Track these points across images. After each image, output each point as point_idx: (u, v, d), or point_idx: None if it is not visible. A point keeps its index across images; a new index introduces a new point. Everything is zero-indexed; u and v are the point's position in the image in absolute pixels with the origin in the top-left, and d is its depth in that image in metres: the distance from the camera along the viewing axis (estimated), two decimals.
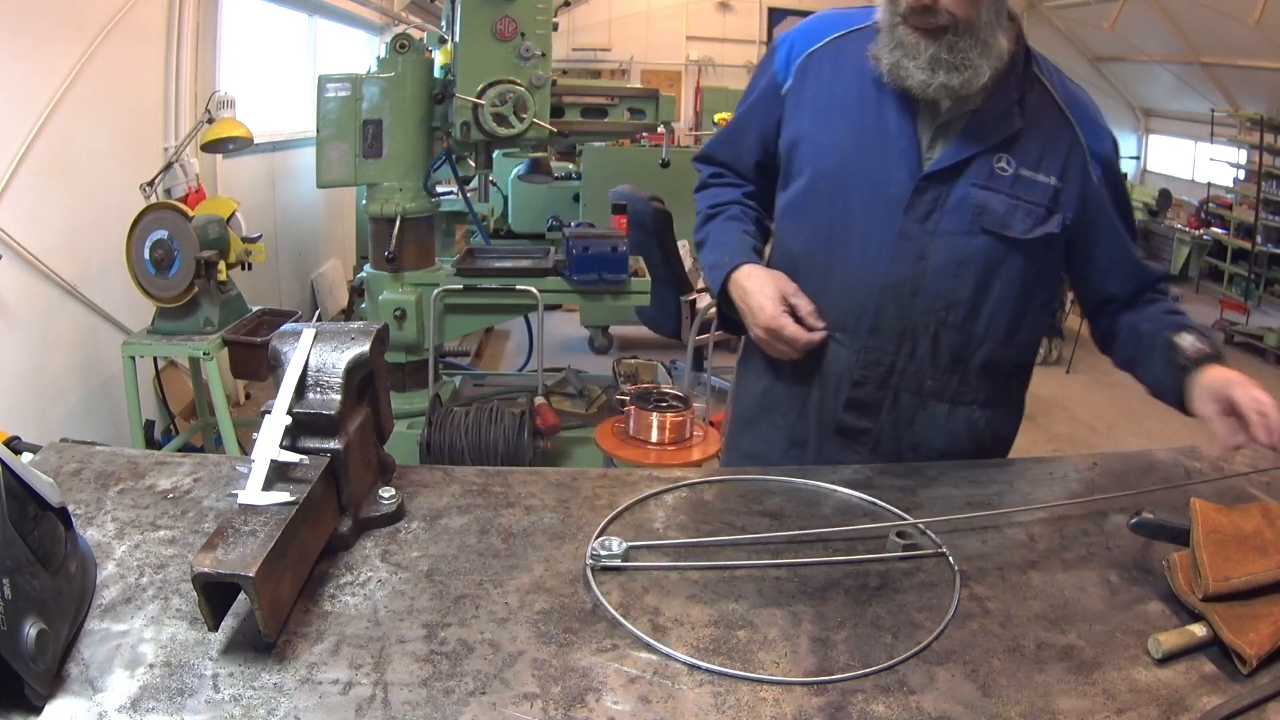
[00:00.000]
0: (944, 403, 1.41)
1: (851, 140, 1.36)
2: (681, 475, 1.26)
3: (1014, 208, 1.33)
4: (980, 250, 1.33)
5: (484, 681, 0.83)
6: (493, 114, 3.16)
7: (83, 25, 3.41)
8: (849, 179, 1.36)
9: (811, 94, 1.41)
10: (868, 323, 1.37)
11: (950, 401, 1.41)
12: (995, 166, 1.32)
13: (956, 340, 1.37)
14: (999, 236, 1.33)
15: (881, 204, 1.34)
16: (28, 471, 0.85)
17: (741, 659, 0.88)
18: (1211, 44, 8.59)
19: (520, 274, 3.58)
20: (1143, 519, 1.05)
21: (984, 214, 1.32)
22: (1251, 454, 1.40)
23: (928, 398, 1.40)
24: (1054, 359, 6.50)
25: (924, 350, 1.37)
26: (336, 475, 1.03)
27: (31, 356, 3.23)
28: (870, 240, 1.35)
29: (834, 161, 1.38)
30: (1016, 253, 1.34)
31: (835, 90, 1.39)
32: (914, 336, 1.37)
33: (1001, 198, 1.33)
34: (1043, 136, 1.34)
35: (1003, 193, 1.33)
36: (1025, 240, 1.33)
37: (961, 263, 1.34)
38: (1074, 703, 0.83)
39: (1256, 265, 8.28)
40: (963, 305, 1.36)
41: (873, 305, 1.36)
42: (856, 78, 1.37)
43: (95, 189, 3.52)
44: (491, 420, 3.19)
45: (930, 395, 1.40)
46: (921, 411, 1.41)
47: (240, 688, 0.81)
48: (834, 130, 1.38)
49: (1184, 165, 10.38)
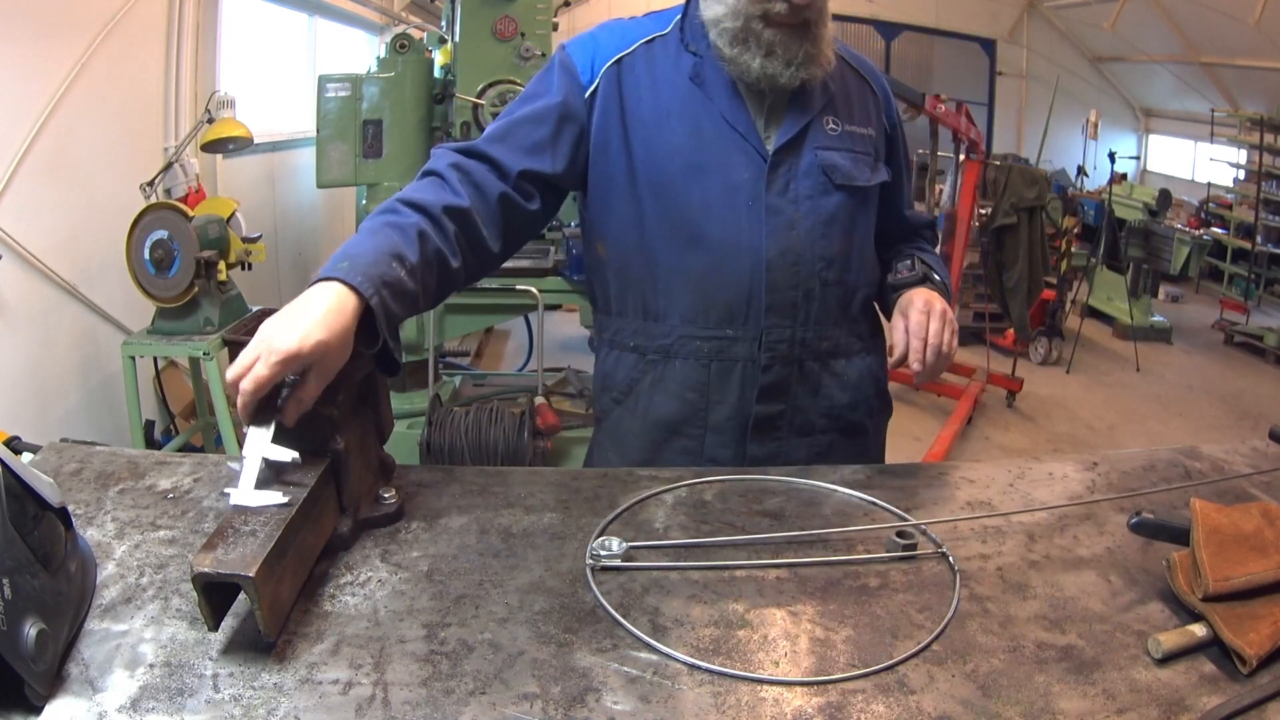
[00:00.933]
0: (841, 358, 1.47)
1: (690, 140, 1.38)
2: (681, 475, 1.26)
3: (854, 160, 1.44)
4: (839, 205, 1.42)
5: (484, 681, 0.83)
6: (492, 114, 3.16)
7: (83, 25, 3.41)
8: (702, 175, 1.37)
9: (632, 100, 1.39)
10: (761, 303, 1.39)
11: (845, 355, 1.48)
12: (827, 128, 1.42)
13: (838, 294, 1.44)
14: (850, 189, 1.43)
15: (740, 189, 1.38)
16: (28, 471, 0.85)
17: (741, 659, 0.88)
18: (1211, 44, 8.59)
19: (520, 274, 3.58)
20: (1143, 519, 1.05)
21: (835, 171, 1.41)
22: (1251, 453, 1.40)
23: (827, 358, 1.46)
24: (1054, 359, 6.51)
25: (815, 312, 1.43)
26: (336, 475, 1.03)
27: (31, 356, 3.23)
28: (740, 225, 1.38)
29: (678, 163, 1.38)
30: (865, 201, 1.46)
31: (659, 95, 1.39)
32: (806, 303, 1.41)
33: (841, 154, 1.43)
34: (851, 95, 1.47)
35: (840, 149, 1.43)
36: (869, 187, 1.45)
37: (827, 221, 1.41)
38: (1074, 703, 0.83)
39: (1256, 265, 8.27)
40: (837, 260, 1.43)
41: (763, 285, 1.39)
42: (675, 80, 1.40)
43: (95, 189, 3.52)
44: (491, 420, 3.19)
45: (828, 355, 1.46)
46: (825, 373, 1.46)
47: (240, 688, 0.81)
48: (671, 134, 1.38)
49: (1184, 165, 10.38)
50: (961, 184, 5.29)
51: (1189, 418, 5.55)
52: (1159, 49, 9.51)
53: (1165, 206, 7.30)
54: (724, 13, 1.34)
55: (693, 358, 1.42)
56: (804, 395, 1.45)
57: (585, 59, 1.41)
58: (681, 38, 1.43)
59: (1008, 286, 5.63)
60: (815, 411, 1.46)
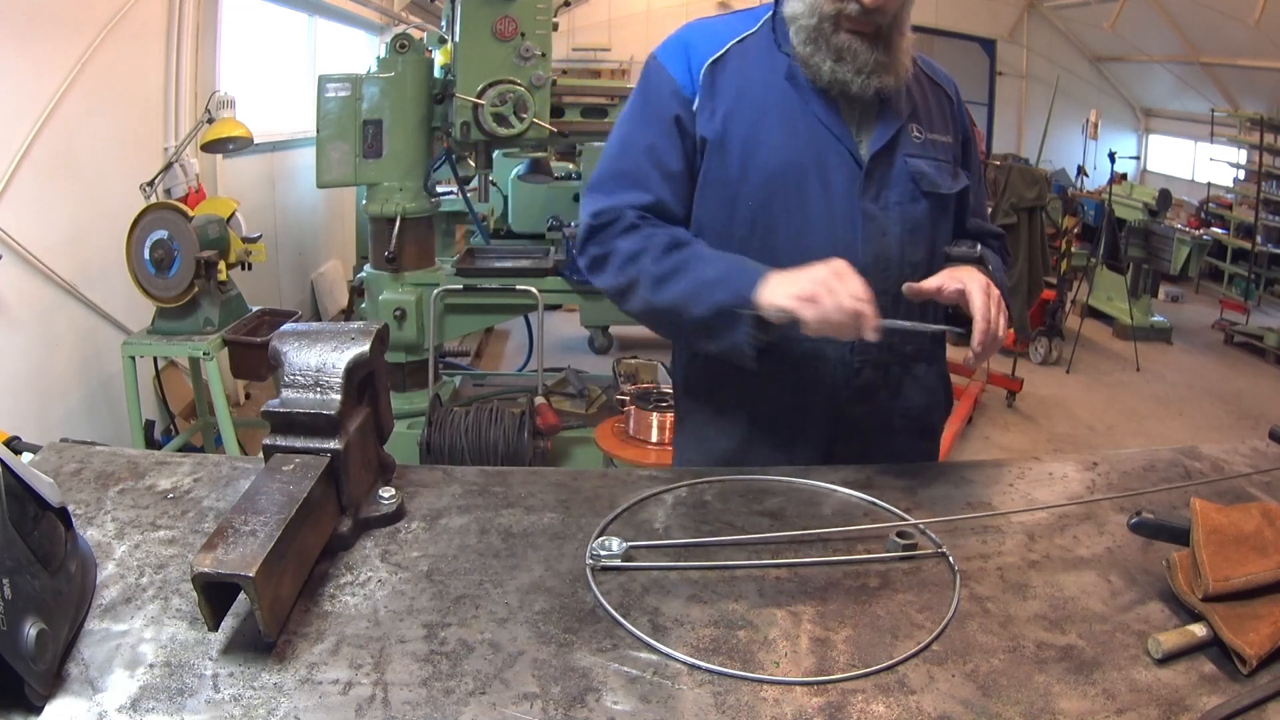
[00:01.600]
0: (922, 362, 1.49)
1: (789, 139, 1.37)
2: (681, 475, 1.26)
3: (938, 168, 1.43)
4: (925, 213, 1.42)
5: (484, 681, 0.83)
6: (493, 114, 3.16)
7: (83, 25, 3.41)
8: (800, 176, 1.36)
9: (730, 100, 1.38)
10: None
11: (926, 360, 1.49)
12: (912, 136, 1.42)
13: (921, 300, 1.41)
14: (935, 196, 1.43)
15: (835, 193, 1.37)
16: (28, 471, 0.85)
17: (741, 659, 0.88)
18: (1211, 44, 8.59)
19: (520, 274, 3.58)
20: (1143, 519, 1.05)
21: (922, 179, 1.41)
22: (1251, 453, 1.40)
23: (910, 362, 1.47)
24: (1054, 359, 6.51)
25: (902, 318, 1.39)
26: (336, 475, 1.03)
27: (31, 356, 3.23)
28: (837, 229, 1.37)
29: (777, 162, 1.36)
30: (946, 208, 1.47)
31: (753, 94, 1.38)
32: (894, 308, 1.39)
33: (927, 161, 1.42)
34: (929, 101, 1.47)
35: (926, 157, 1.42)
36: (951, 195, 1.45)
37: (914, 229, 1.41)
38: (1074, 703, 0.83)
39: (1256, 265, 8.28)
40: (921, 266, 1.42)
41: None
42: (769, 80, 1.38)
43: (95, 189, 3.52)
44: (491, 420, 3.19)
45: (911, 359, 1.47)
46: (907, 377, 1.47)
47: (240, 688, 0.81)
48: (770, 133, 1.37)
49: (1184, 165, 10.38)
50: None
51: (1189, 418, 5.55)
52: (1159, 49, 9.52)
53: (1165, 206, 7.30)
54: (802, 9, 1.34)
55: (785, 360, 1.40)
56: (887, 398, 1.46)
57: (681, 66, 1.39)
58: (774, 37, 1.41)
59: (1007, 286, 5.63)
60: (896, 413, 1.48)
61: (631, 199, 1.37)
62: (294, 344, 1.07)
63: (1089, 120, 7.93)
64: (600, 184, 1.41)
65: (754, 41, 1.42)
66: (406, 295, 3.46)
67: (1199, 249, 6.91)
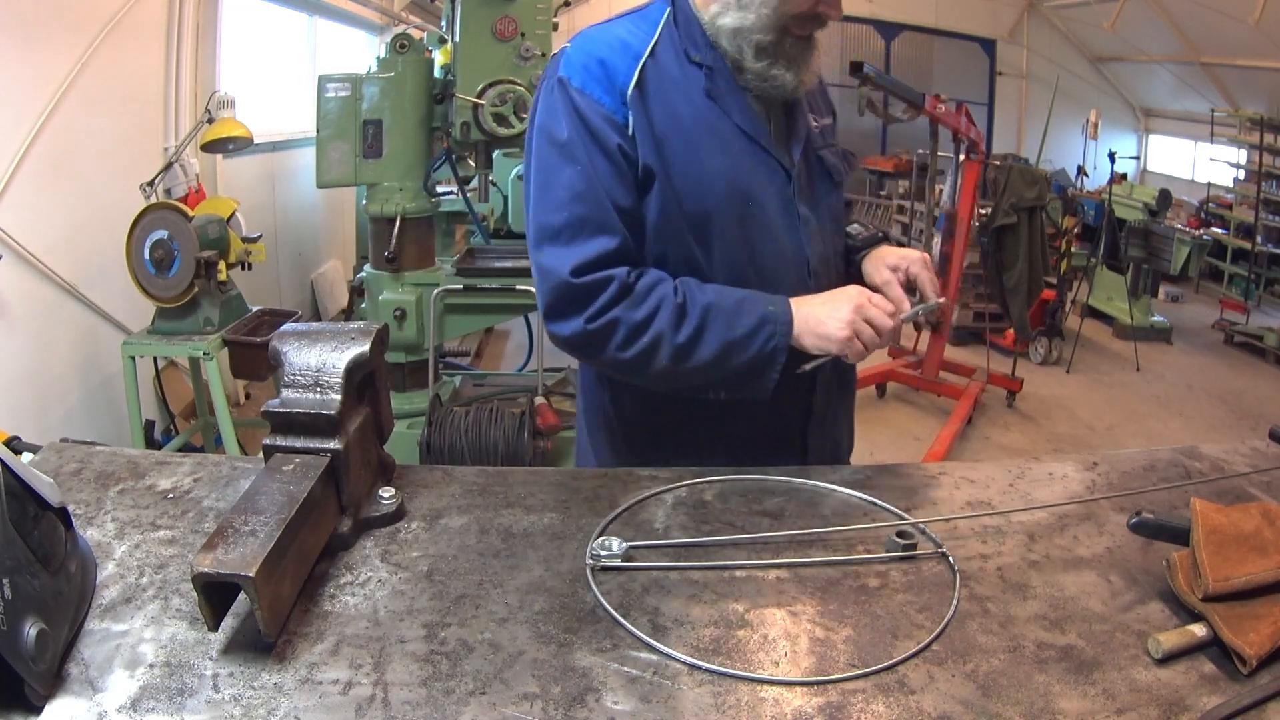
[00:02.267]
0: None
1: (726, 162, 1.30)
2: (681, 475, 1.26)
3: (835, 155, 1.45)
4: (838, 200, 1.45)
5: (484, 681, 0.83)
6: (493, 114, 3.16)
7: (83, 25, 3.41)
8: (743, 196, 1.31)
9: (661, 126, 1.27)
10: None
11: None
12: (814, 128, 1.42)
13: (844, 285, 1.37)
14: (840, 184, 1.45)
15: (774, 204, 1.34)
16: (28, 471, 0.85)
17: (741, 659, 0.88)
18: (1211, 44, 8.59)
19: (520, 274, 3.57)
20: (1143, 519, 1.05)
21: (834, 170, 1.43)
22: (1251, 453, 1.40)
23: None
24: (1054, 359, 6.50)
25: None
26: (336, 475, 1.03)
27: (31, 356, 3.23)
28: (784, 237, 1.35)
29: (721, 188, 1.29)
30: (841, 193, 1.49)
31: (681, 117, 1.29)
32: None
33: (828, 151, 1.44)
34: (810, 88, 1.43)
35: (827, 146, 1.44)
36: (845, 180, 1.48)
37: (835, 218, 1.44)
38: (1074, 703, 0.83)
39: (1256, 265, 8.27)
40: (841, 254, 1.47)
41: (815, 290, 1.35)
42: (689, 97, 1.30)
43: (95, 189, 3.52)
44: (491, 420, 3.19)
45: None
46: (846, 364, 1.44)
47: (240, 688, 0.81)
48: (709, 158, 1.28)
49: (1184, 165, 10.38)
50: (961, 184, 5.29)
51: (1189, 418, 5.55)
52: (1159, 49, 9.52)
53: (1165, 206, 7.30)
54: (753, 23, 1.26)
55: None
56: (836, 388, 1.48)
57: (604, 90, 1.27)
58: (678, 44, 1.32)
59: (1008, 286, 5.63)
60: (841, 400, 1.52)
61: (601, 247, 1.24)
62: (294, 344, 1.07)
63: (1089, 120, 7.94)
64: (560, 234, 1.25)
65: (662, 53, 1.31)
66: (406, 295, 3.46)
67: (1199, 249, 6.91)
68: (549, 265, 1.26)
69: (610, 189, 1.26)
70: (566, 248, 1.24)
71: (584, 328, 1.25)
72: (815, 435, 1.46)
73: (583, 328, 1.25)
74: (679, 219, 1.30)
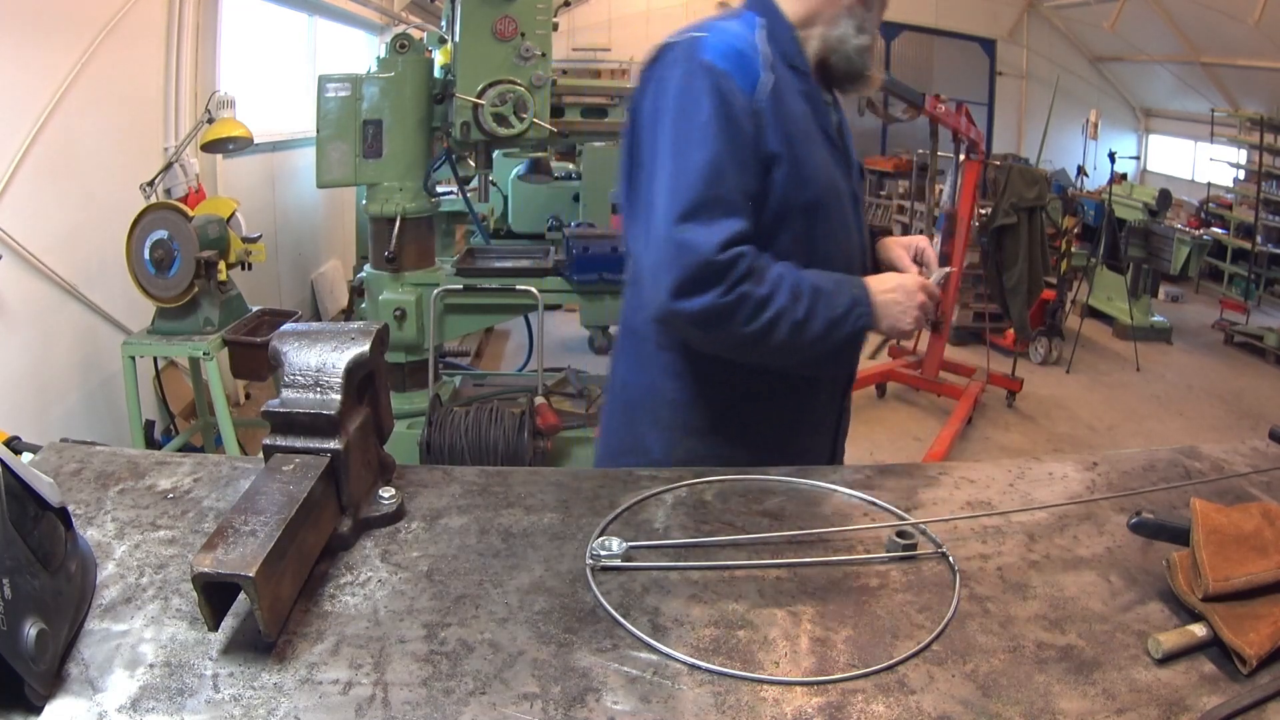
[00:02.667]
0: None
1: (825, 157, 1.44)
2: (681, 475, 1.26)
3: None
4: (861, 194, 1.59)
5: (484, 681, 0.83)
6: (493, 114, 3.16)
7: (83, 25, 3.41)
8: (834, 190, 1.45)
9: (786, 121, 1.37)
10: None
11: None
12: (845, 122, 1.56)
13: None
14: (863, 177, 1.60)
15: (848, 193, 1.49)
16: (28, 471, 0.85)
17: (741, 659, 0.88)
18: (1211, 44, 8.60)
19: (520, 274, 3.58)
20: (1143, 519, 1.05)
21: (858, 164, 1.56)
22: (1251, 453, 1.40)
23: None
24: (1054, 359, 6.51)
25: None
26: (336, 475, 1.03)
27: (31, 356, 3.23)
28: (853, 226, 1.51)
29: (823, 181, 1.42)
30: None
31: (796, 114, 1.40)
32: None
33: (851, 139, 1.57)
34: None
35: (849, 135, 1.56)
36: None
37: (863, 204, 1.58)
38: (1074, 703, 0.83)
39: (1256, 265, 8.28)
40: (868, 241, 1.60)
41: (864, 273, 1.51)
42: (794, 96, 1.40)
43: (95, 189, 3.52)
44: (491, 420, 3.19)
45: None
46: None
47: (240, 688, 0.81)
48: (814, 152, 1.41)
49: (1184, 165, 10.39)
50: (961, 184, 5.29)
51: (1189, 418, 5.55)
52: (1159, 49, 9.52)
53: (1165, 206, 7.31)
54: (851, 30, 1.45)
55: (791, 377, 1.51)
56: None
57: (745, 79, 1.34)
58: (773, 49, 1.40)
59: (1008, 286, 5.63)
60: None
61: (737, 226, 1.30)
62: (294, 344, 1.07)
63: (1089, 120, 7.94)
64: (696, 211, 1.29)
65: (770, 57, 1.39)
66: (406, 295, 3.46)
67: (1199, 249, 6.91)
68: (692, 241, 1.29)
69: (742, 172, 1.33)
70: (708, 225, 1.29)
71: (717, 301, 1.29)
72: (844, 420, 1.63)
73: (715, 301, 1.29)
74: (795, 206, 1.39)
